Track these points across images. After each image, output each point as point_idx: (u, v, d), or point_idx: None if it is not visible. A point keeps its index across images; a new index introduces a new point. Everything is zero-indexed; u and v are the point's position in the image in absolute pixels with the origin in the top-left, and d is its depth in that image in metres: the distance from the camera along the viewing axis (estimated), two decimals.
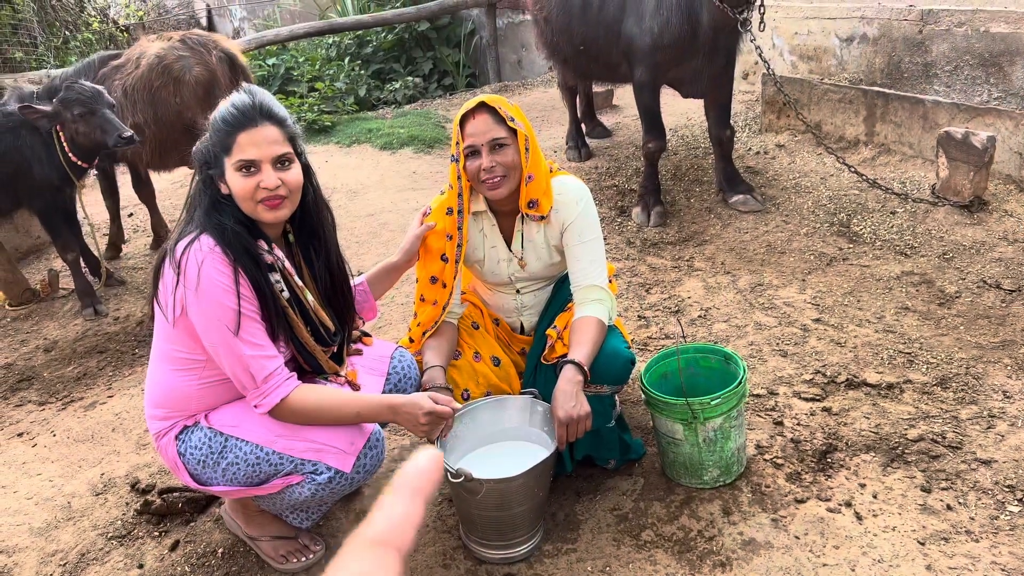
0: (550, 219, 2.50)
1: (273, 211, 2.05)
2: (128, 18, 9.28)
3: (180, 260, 1.98)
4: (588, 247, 2.49)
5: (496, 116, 2.37)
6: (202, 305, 1.97)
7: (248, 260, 2.02)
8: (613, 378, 2.42)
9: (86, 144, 4.05)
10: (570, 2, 4.72)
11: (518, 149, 2.40)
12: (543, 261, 2.59)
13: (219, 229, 2.01)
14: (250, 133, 2.00)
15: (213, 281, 1.96)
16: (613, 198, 4.90)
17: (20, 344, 4.19)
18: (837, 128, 4.91)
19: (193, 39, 4.74)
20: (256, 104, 2.03)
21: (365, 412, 2.13)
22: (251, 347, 2.00)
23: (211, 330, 1.98)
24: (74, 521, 2.72)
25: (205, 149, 2.05)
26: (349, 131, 7.07)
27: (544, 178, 2.48)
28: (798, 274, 3.77)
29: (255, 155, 2.00)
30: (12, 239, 5.05)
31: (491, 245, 2.60)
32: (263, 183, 2.01)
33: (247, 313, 1.99)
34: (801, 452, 2.62)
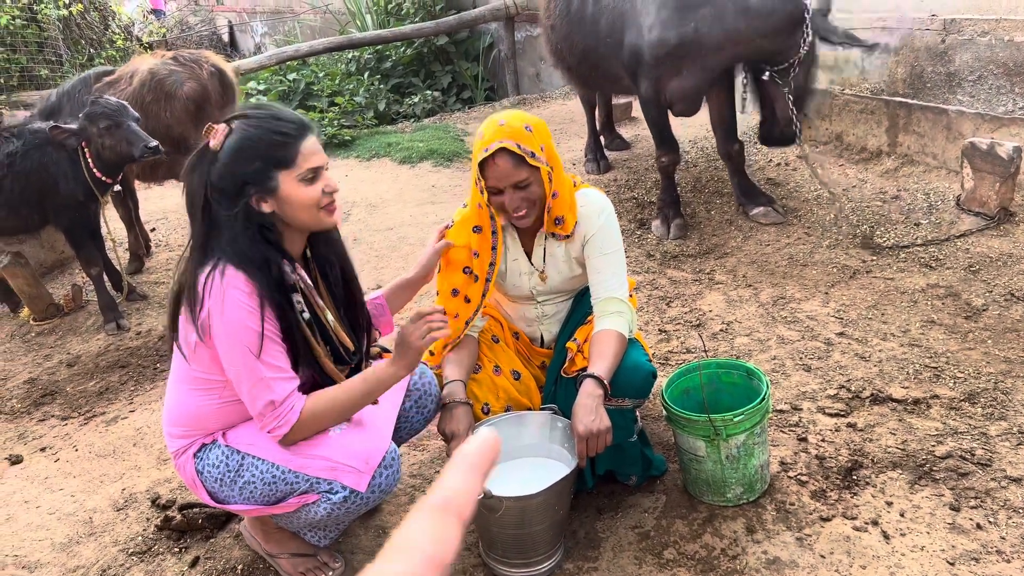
0: (573, 234, 2.48)
1: (333, 215, 2.09)
2: (151, 35, 9.40)
3: (205, 285, 1.96)
4: (609, 259, 2.47)
5: (516, 158, 2.29)
6: (226, 328, 1.96)
7: (272, 283, 2.01)
8: (635, 391, 2.40)
9: (112, 157, 4.10)
10: (571, 11, 4.72)
11: (542, 180, 2.35)
12: (564, 275, 2.58)
13: (246, 253, 1.99)
14: (309, 142, 2.01)
15: (239, 306, 1.95)
16: (632, 211, 4.88)
17: (44, 359, 4.23)
18: (859, 139, 4.86)
19: (185, 56, 4.83)
20: (300, 117, 2.05)
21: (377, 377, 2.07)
22: (272, 369, 1.99)
23: (234, 353, 1.97)
24: (95, 536, 2.72)
25: (237, 173, 1.97)
26: (369, 145, 7.10)
27: (569, 193, 2.45)
28: (821, 287, 3.73)
29: (319, 162, 2.02)
30: (37, 254, 5.10)
31: (513, 258, 2.59)
32: (328, 187, 2.03)
33: (269, 335, 1.99)
34: (826, 469, 2.57)
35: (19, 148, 4.16)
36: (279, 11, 13.53)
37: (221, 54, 13.16)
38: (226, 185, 1.97)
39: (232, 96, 4.96)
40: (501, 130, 2.29)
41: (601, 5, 4.42)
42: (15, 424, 3.62)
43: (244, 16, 14.71)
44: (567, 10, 4.77)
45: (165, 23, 12.26)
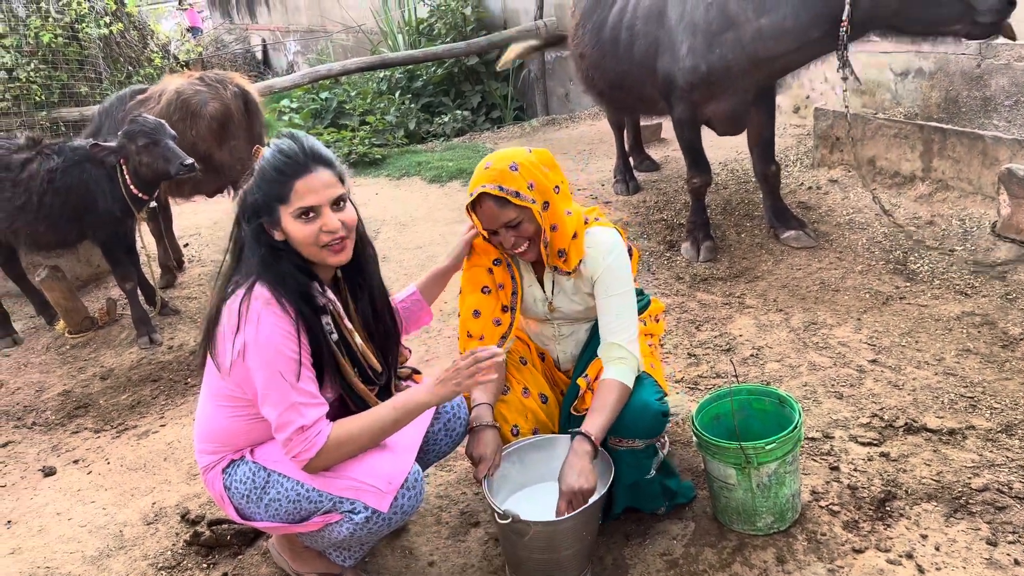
0: (580, 272, 2.47)
1: (338, 255, 2.08)
2: (188, 54, 9.57)
3: (240, 308, 1.99)
4: (614, 301, 2.44)
5: (499, 201, 2.30)
6: (261, 353, 1.98)
7: (306, 307, 2.04)
8: (644, 432, 2.37)
9: (148, 174, 4.18)
10: (602, 37, 4.75)
11: (533, 217, 2.35)
12: (574, 306, 2.57)
13: (275, 276, 2.02)
14: (306, 180, 2.01)
15: (274, 329, 1.97)
16: (662, 232, 4.87)
17: (78, 371, 4.29)
18: (892, 163, 4.82)
19: (211, 76, 4.98)
20: (306, 149, 2.03)
21: (406, 406, 2.09)
22: (303, 395, 2.01)
23: (268, 376, 1.99)
24: (126, 550, 2.75)
25: (254, 200, 2.04)
26: (399, 164, 7.17)
27: (572, 227, 2.42)
28: (853, 313, 3.69)
29: (314, 201, 2.01)
30: (73, 268, 5.20)
31: (528, 284, 2.59)
32: (326, 227, 2.02)
33: (303, 360, 2.01)
34: (858, 499, 2.53)
35: (59, 165, 4.26)
36: (312, 30, 13.74)
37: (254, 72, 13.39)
38: (245, 208, 2.05)
39: (255, 116, 5.10)
40: (485, 174, 2.32)
41: (635, 31, 4.44)
42: (49, 436, 3.68)
43: (278, 35, 14.96)
44: (597, 38, 4.79)
45: (201, 41, 12.49)
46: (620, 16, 4.57)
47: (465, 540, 2.58)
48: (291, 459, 2.05)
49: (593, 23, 4.82)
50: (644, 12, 4.38)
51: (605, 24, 4.70)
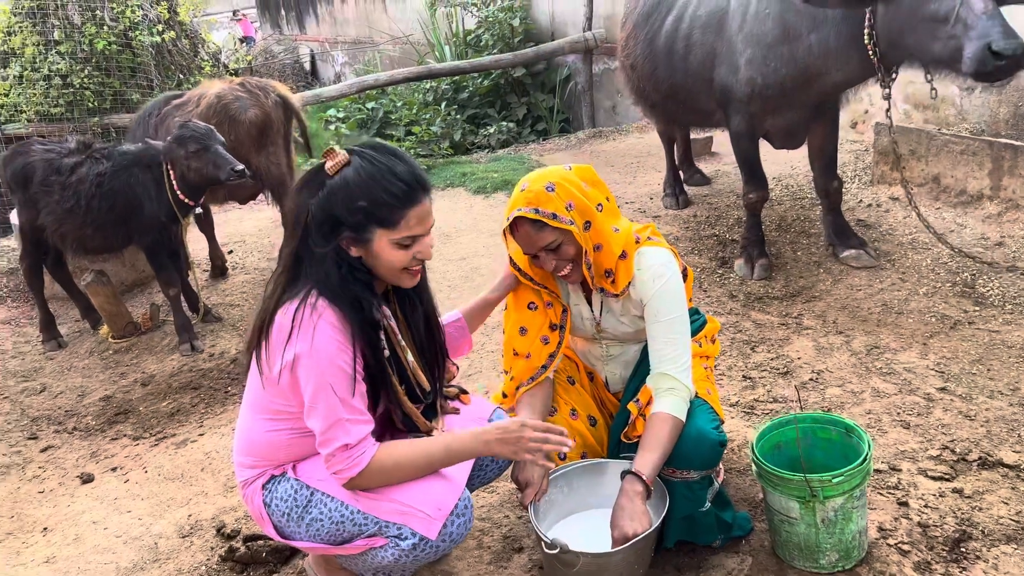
0: (629, 294, 2.35)
1: (415, 277, 2.04)
2: (238, 62, 9.67)
3: (295, 316, 1.91)
4: (664, 327, 2.30)
5: (536, 224, 2.20)
6: (315, 364, 1.90)
7: (365, 322, 1.96)
8: (700, 463, 2.24)
9: (197, 180, 4.18)
10: (655, 48, 4.63)
11: (574, 236, 2.23)
12: (623, 328, 2.45)
13: (342, 290, 1.94)
14: (419, 210, 1.94)
15: (330, 341, 1.90)
16: (713, 248, 4.71)
17: (120, 376, 4.28)
18: (958, 181, 4.61)
19: (252, 83, 5.02)
20: (418, 176, 1.95)
21: (455, 448, 2.02)
22: (352, 411, 1.93)
23: (317, 389, 1.91)
24: (160, 564, 2.68)
25: (341, 213, 1.91)
26: (444, 175, 7.11)
27: (619, 245, 2.30)
28: (918, 337, 3.50)
29: (421, 231, 1.96)
30: (118, 273, 5.22)
31: (575, 303, 2.49)
32: (421, 254, 1.98)
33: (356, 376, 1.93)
34: (930, 539, 2.36)
35: (108, 169, 4.27)
36: (360, 41, 13.83)
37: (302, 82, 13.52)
38: (323, 219, 1.93)
39: (299, 123, 5.17)
40: (521, 196, 2.22)
41: (691, 41, 4.32)
42: (89, 442, 3.66)
43: (326, 45, 15.10)
44: (649, 49, 4.68)
45: (251, 51, 12.64)
46: (676, 26, 4.45)
47: (508, 566, 2.47)
48: (332, 475, 1.98)
49: (646, 33, 4.71)
50: (702, 22, 4.25)
51: (659, 34, 4.58)
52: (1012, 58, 3.00)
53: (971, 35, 3.06)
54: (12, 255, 6.00)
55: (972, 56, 3.08)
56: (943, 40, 3.19)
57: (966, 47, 3.08)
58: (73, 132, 6.61)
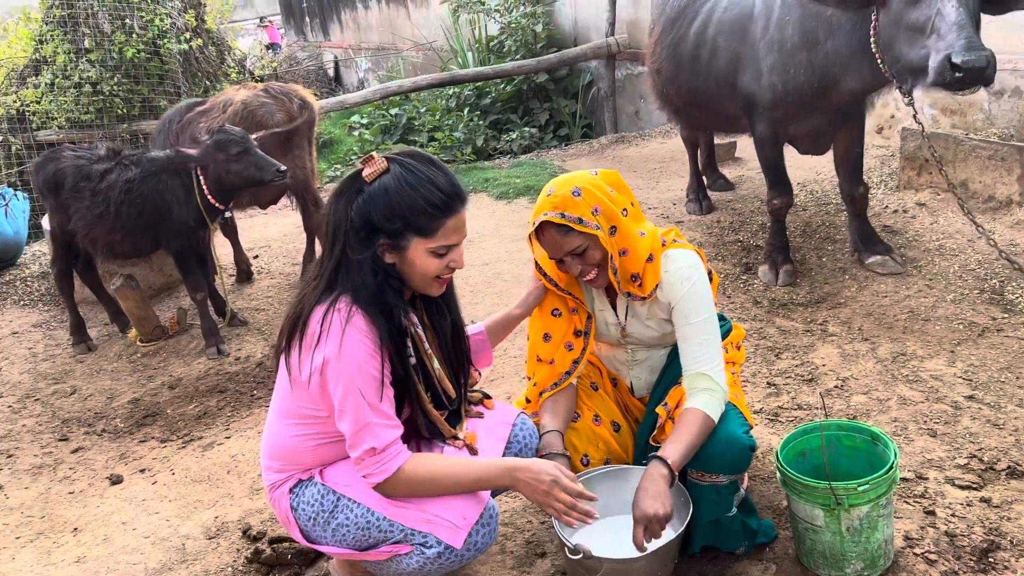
0: (656, 297, 2.34)
1: (443, 286, 2.07)
2: (263, 69, 9.78)
3: (324, 320, 1.94)
4: (694, 329, 2.30)
5: (562, 229, 2.21)
6: (343, 368, 1.92)
7: (393, 327, 1.99)
8: (729, 467, 2.24)
9: (237, 182, 4.27)
10: (680, 53, 4.64)
11: (600, 243, 2.23)
12: (649, 333, 2.45)
13: (374, 295, 1.97)
14: (456, 219, 1.98)
15: (359, 346, 1.92)
16: (737, 254, 4.70)
17: (148, 380, 4.34)
18: (986, 187, 4.56)
19: (275, 88, 5.14)
20: (456, 186, 1.98)
21: (485, 477, 2.02)
22: (379, 415, 1.95)
23: (346, 393, 1.93)
24: (187, 564, 2.72)
25: (378, 218, 1.94)
26: (466, 180, 7.13)
27: (646, 249, 2.29)
28: (946, 344, 3.47)
29: (457, 240, 1.99)
30: (147, 277, 5.29)
31: (599, 308, 2.49)
32: (455, 264, 2.01)
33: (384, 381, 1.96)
34: (958, 548, 2.34)
35: (137, 175, 4.34)
36: (383, 48, 13.93)
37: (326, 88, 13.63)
38: (361, 225, 1.96)
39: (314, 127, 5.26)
40: (547, 201, 2.23)
41: (716, 46, 4.32)
42: (118, 444, 3.71)
43: (349, 52, 15.22)
44: (674, 53, 4.69)
45: (276, 58, 12.77)
46: (701, 31, 4.45)
47: (530, 571, 2.47)
48: (361, 478, 2.00)
49: (672, 38, 4.71)
50: (727, 28, 4.25)
51: (685, 39, 4.58)
52: (970, 71, 2.98)
53: (939, 46, 3.07)
54: (44, 260, 6.11)
55: (934, 66, 3.09)
56: (918, 49, 3.20)
57: (932, 57, 3.09)
58: (103, 139, 6.72)
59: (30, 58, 7.54)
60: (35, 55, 7.50)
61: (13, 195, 6.42)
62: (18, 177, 7.25)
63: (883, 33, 3.41)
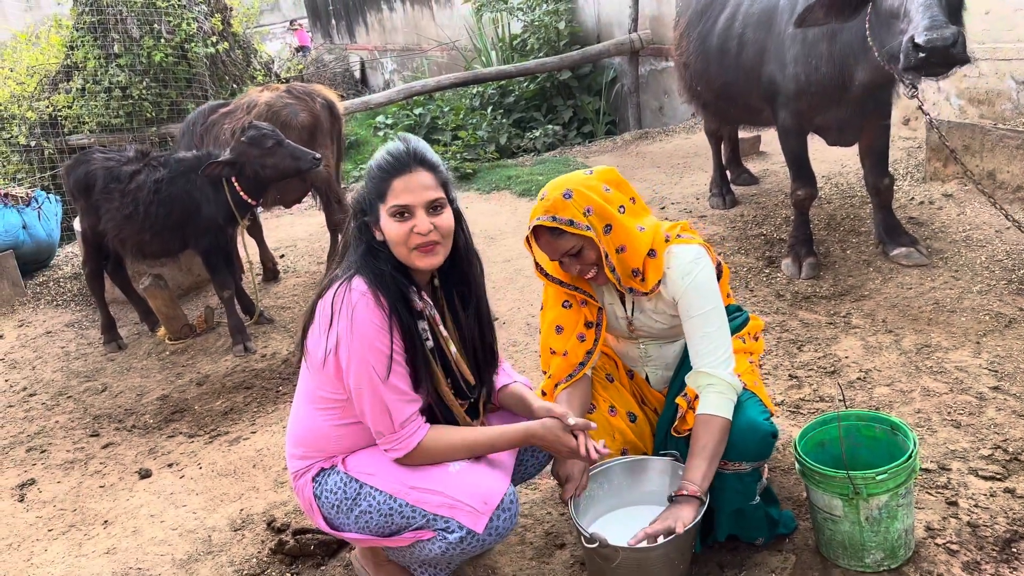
0: (660, 292, 2.34)
1: (427, 257, 2.05)
2: (289, 71, 9.89)
3: (334, 301, 2.01)
4: (696, 323, 2.29)
5: (554, 232, 2.24)
6: (354, 346, 1.98)
7: (401, 305, 2.03)
8: (752, 455, 2.23)
9: (273, 175, 4.37)
10: (707, 46, 4.62)
11: (595, 243, 2.25)
12: (657, 327, 2.45)
13: (374, 273, 2.04)
14: (404, 179, 2.02)
15: (367, 323, 1.98)
16: (760, 247, 4.67)
17: (176, 376, 4.42)
18: (1014, 177, 4.49)
19: (298, 89, 5.22)
20: (410, 150, 2.05)
21: (500, 441, 2.11)
22: (394, 391, 2.00)
23: (359, 372, 1.99)
24: (213, 555, 2.77)
25: (361, 197, 2.10)
26: (489, 178, 7.17)
27: (645, 244, 2.29)
28: (971, 336, 3.42)
29: (409, 200, 2.01)
30: (175, 277, 5.38)
31: (609, 301, 2.49)
32: (417, 228, 2.02)
33: (395, 356, 2.00)
34: (980, 539, 2.31)
35: (165, 176, 4.42)
36: (408, 48, 14.01)
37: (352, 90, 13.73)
38: (354, 206, 2.13)
39: (339, 126, 5.34)
40: (540, 205, 2.27)
41: (744, 39, 4.31)
42: (147, 439, 3.78)
43: (375, 54, 15.33)
44: (702, 46, 4.68)
45: (304, 60, 12.91)
46: (729, 24, 4.43)
47: (550, 562, 2.49)
48: (383, 458, 2.08)
49: (699, 32, 4.70)
50: (755, 20, 4.23)
51: (712, 33, 4.57)
52: (933, 50, 2.93)
53: (906, 28, 3.06)
54: (76, 261, 6.25)
55: (902, 51, 3.06)
56: (896, 35, 3.18)
57: (901, 42, 3.08)
58: (132, 141, 6.85)
59: (61, 64, 7.70)
60: (66, 61, 7.66)
61: (46, 198, 6.57)
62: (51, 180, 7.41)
63: (873, 25, 3.42)
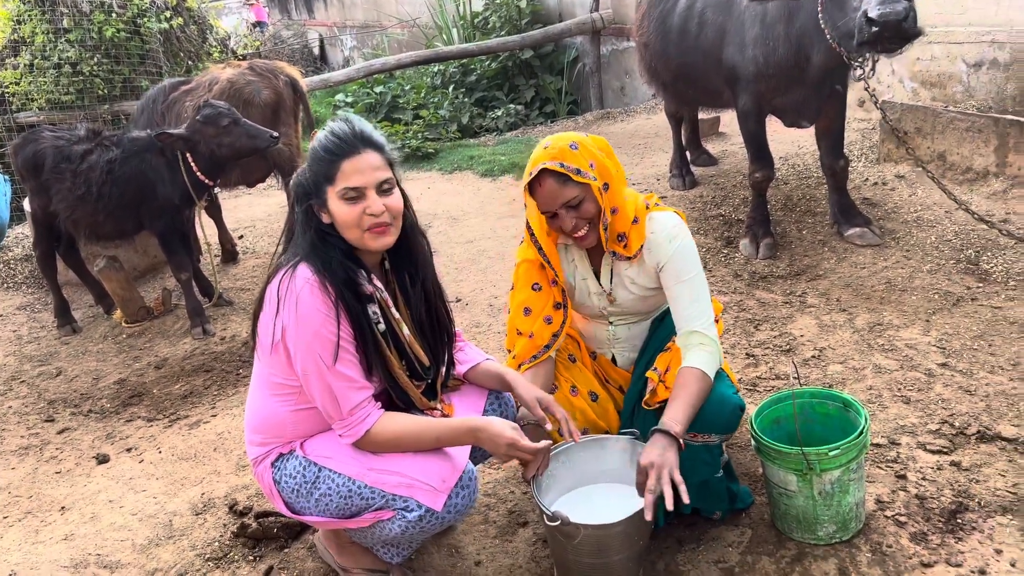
0: (641, 257, 2.38)
1: (379, 238, 2.05)
2: (246, 48, 9.69)
3: (280, 288, 2.00)
4: (687, 286, 2.34)
5: (560, 177, 2.24)
6: (300, 333, 1.97)
7: (348, 290, 2.02)
8: (721, 427, 2.28)
9: (229, 154, 4.27)
10: (667, 27, 4.64)
11: (594, 197, 2.28)
12: (635, 296, 2.48)
13: (321, 258, 2.02)
14: (353, 160, 2.00)
15: (313, 310, 1.97)
16: (719, 228, 4.73)
17: (133, 360, 4.35)
18: (964, 159, 4.60)
19: (260, 66, 5.17)
20: (357, 131, 2.04)
21: (445, 436, 2.09)
22: (341, 378, 2.00)
23: (305, 358, 1.99)
24: (174, 540, 2.76)
25: (304, 180, 2.07)
26: (451, 158, 7.14)
27: (632, 211, 2.35)
28: (921, 314, 3.52)
29: (360, 182, 2.00)
30: (131, 259, 5.29)
31: (582, 277, 2.52)
32: (369, 209, 2.01)
33: (343, 343, 1.99)
34: (927, 510, 2.40)
35: (118, 155, 4.32)
36: (368, 25, 13.82)
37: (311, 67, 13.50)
38: (297, 190, 2.08)
39: (303, 103, 5.29)
40: (545, 152, 2.26)
41: (704, 20, 4.33)
42: (104, 424, 3.73)
43: (334, 30, 15.09)
44: (662, 27, 4.70)
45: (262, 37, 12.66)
46: (689, 5, 4.46)
47: (513, 540, 2.52)
48: (340, 444, 2.08)
49: (660, 12, 4.72)
50: (714, 1, 4.26)
51: (673, 13, 4.59)
52: (886, 24, 3.03)
53: (860, 6, 3.14)
54: (26, 242, 6.09)
55: (855, 25, 3.15)
56: (849, 14, 3.26)
57: (854, 18, 3.17)
58: (84, 119, 6.68)
59: (8, 39, 7.45)
60: (13, 36, 7.41)
61: None
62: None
63: (826, 6, 3.49)
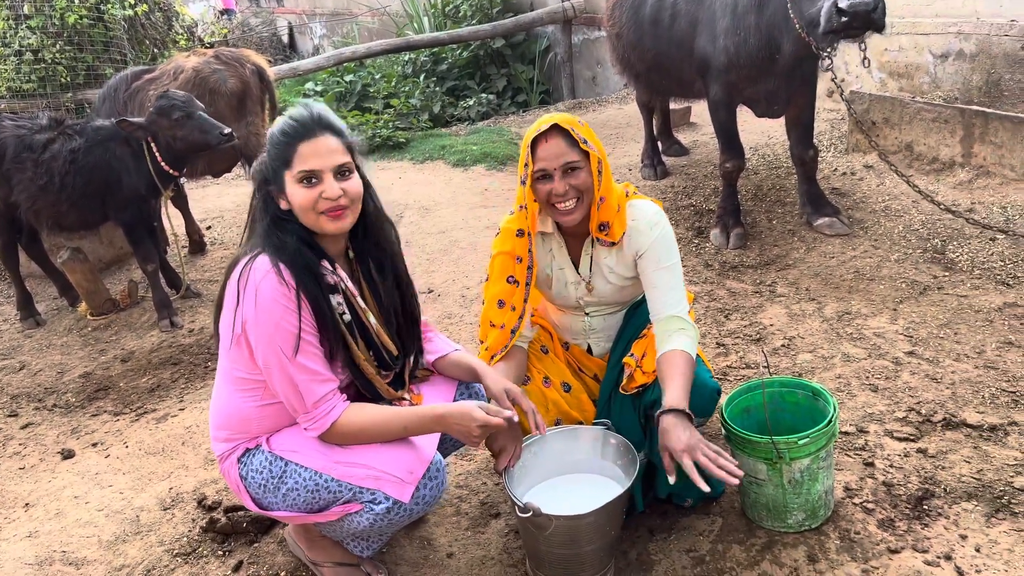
0: (622, 245, 2.41)
1: (336, 221, 2.03)
2: (213, 36, 9.53)
3: (239, 281, 1.97)
4: (665, 273, 2.38)
5: (569, 139, 2.28)
6: (260, 327, 1.95)
7: (309, 280, 2.00)
8: (700, 410, 2.31)
9: (184, 148, 4.17)
10: (640, 17, 4.64)
11: (591, 171, 2.31)
12: (612, 286, 2.49)
13: (280, 248, 2.00)
14: (310, 143, 1.99)
15: (273, 301, 1.94)
16: (690, 218, 4.75)
17: (99, 353, 4.28)
18: (930, 149, 4.66)
19: (226, 54, 5.09)
20: (314, 115, 2.02)
21: (412, 426, 2.07)
22: (304, 371, 1.97)
23: (267, 351, 1.96)
24: (142, 536, 2.72)
25: (263, 166, 2.06)
26: (423, 147, 7.09)
27: (616, 200, 2.39)
28: (889, 303, 3.56)
29: (316, 165, 1.99)
30: (96, 250, 5.19)
31: (559, 267, 2.52)
32: (325, 193, 1.99)
33: (304, 335, 1.97)
34: (894, 497, 2.43)
35: (82, 144, 4.23)
36: (338, 13, 13.66)
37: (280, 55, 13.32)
38: (256, 176, 2.07)
39: (270, 92, 5.21)
40: (558, 115, 2.32)
41: (676, 10, 4.34)
42: (69, 418, 3.67)
43: (304, 18, 14.91)
44: (634, 17, 4.69)
45: (230, 24, 12.46)
46: None
47: (485, 532, 2.52)
48: (305, 438, 2.06)
49: (632, 2, 4.71)
50: None
51: (645, 3, 4.59)
52: (856, 14, 3.14)
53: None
54: None
55: (824, 14, 3.24)
56: (819, 3, 3.32)
57: (823, 7, 3.24)
58: (46, 108, 6.53)
59: None
60: None
61: None
62: None
63: None
